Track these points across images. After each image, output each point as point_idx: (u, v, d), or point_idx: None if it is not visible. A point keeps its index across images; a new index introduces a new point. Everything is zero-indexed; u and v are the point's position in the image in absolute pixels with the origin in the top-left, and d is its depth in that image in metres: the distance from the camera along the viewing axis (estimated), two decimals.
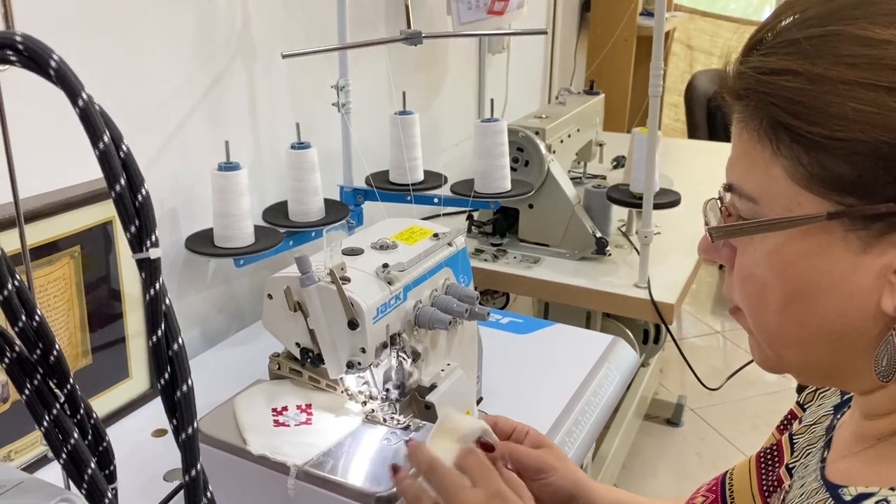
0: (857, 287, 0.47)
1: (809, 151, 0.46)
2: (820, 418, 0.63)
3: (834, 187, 0.46)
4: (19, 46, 0.45)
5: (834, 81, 0.44)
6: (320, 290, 0.89)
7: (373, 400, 0.94)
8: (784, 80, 0.46)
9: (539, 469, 0.77)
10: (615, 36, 3.09)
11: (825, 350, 0.51)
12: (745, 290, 0.53)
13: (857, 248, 0.46)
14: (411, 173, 1.57)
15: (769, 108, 0.47)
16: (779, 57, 0.47)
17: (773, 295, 0.51)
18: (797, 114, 0.46)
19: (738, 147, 0.51)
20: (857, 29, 0.45)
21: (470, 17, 1.80)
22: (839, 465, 0.53)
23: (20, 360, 0.53)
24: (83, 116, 0.45)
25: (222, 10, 1.38)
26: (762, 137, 0.48)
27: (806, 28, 0.47)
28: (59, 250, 1.05)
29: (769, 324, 0.52)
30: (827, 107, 0.45)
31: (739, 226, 0.51)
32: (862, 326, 0.48)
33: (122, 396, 1.18)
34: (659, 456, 2.42)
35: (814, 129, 0.45)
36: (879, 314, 0.47)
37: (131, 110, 1.24)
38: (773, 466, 0.64)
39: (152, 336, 0.49)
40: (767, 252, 0.50)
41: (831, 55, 0.45)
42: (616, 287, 1.70)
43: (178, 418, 0.50)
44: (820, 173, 0.46)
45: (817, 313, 0.49)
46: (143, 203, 0.47)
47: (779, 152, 0.47)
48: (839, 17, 0.46)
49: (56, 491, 0.52)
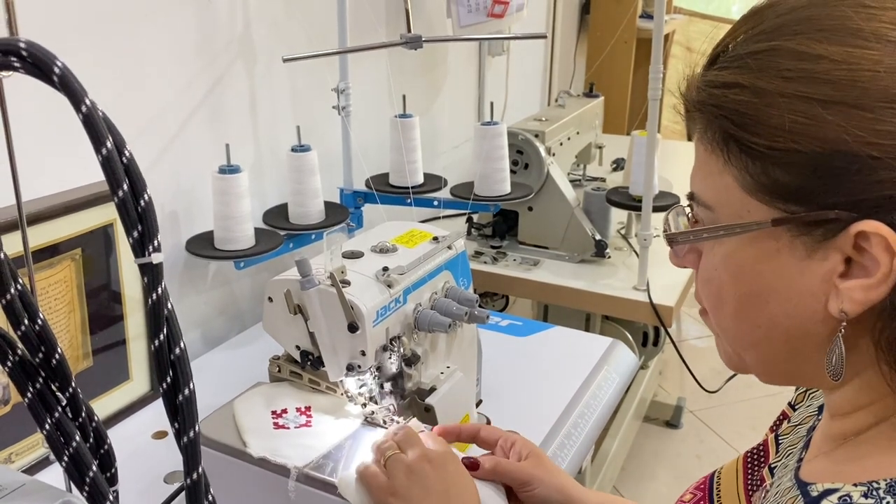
0: (804, 291, 0.49)
1: (755, 161, 0.48)
2: (805, 419, 0.64)
3: (778, 195, 0.48)
4: (23, 53, 0.45)
5: (774, 94, 0.47)
6: (320, 293, 0.89)
7: (372, 402, 0.95)
8: (732, 94, 0.49)
9: (524, 482, 0.80)
10: (615, 38, 3.10)
11: (780, 351, 0.53)
12: (706, 292, 0.56)
13: (802, 253, 0.48)
14: (411, 176, 1.57)
15: (720, 120, 0.50)
16: (729, 71, 0.50)
17: (728, 297, 0.53)
18: (743, 125, 0.48)
19: (697, 157, 0.54)
20: (795, 44, 0.47)
21: (470, 21, 1.80)
22: (811, 465, 0.55)
23: (23, 364, 0.54)
24: (86, 122, 0.46)
25: (223, 14, 1.38)
26: (715, 148, 0.51)
27: (754, 43, 0.49)
28: (60, 253, 1.05)
29: (727, 325, 0.55)
30: (768, 119, 0.47)
31: (691, 232, 0.55)
32: (812, 329, 0.50)
33: (123, 398, 1.18)
34: (658, 458, 2.42)
35: (758, 139, 0.47)
36: (827, 317, 0.48)
37: (133, 113, 1.25)
38: (758, 466, 0.65)
39: (154, 340, 0.49)
40: (723, 257, 0.53)
41: (773, 69, 0.47)
42: (615, 289, 1.71)
43: (180, 422, 0.50)
44: (765, 182, 0.48)
45: (769, 315, 0.51)
46: (146, 208, 0.47)
47: (730, 162, 0.50)
48: (782, 33, 0.48)
49: (58, 494, 0.52)
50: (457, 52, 2.20)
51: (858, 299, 0.46)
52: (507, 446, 0.83)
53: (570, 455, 1.12)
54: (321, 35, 1.59)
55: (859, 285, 0.46)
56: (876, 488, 0.46)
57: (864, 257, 0.46)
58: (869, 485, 0.46)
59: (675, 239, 0.56)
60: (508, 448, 0.83)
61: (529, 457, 0.82)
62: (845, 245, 0.46)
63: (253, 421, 0.91)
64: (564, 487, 0.80)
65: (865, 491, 0.46)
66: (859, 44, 0.45)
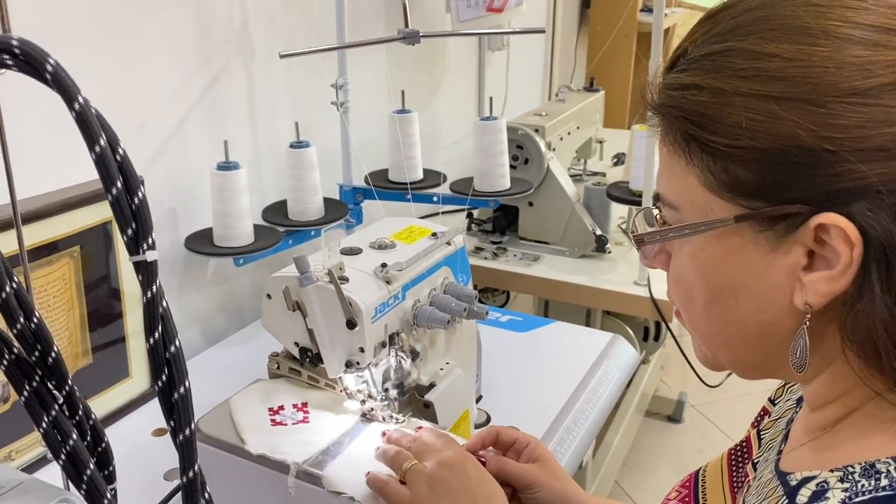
0: (770, 285, 0.50)
1: (716, 160, 0.49)
2: (784, 412, 0.65)
3: (739, 192, 0.49)
4: (16, 51, 0.45)
5: (731, 94, 0.48)
6: (319, 289, 0.89)
7: (372, 399, 0.95)
8: (691, 95, 0.50)
9: (527, 484, 0.81)
10: (615, 32, 3.09)
11: (752, 346, 0.54)
12: (676, 292, 0.57)
13: (766, 248, 0.49)
14: (410, 172, 1.57)
15: (681, 121, 0.51)
16: (687, 73, 0.51)
17: (698, 296, 0.54)
18: (703, 125, 0.49)
19: (661, 159, 0.55)
20: (749, 44, 0.48)
21: (469, 15, 1.80)
22: (791, 456, 0.56)
23: (19, 362, 0.54)
24: (79, 120, 0.46)
25: (221, 10, 1.38)
26: (677, 149, 0.52)
27: (710, 45, 0.50)
28: (58, 250, 1.05)
29: (698, 323, 0.56)
30: (726, 117, 0.48)
31: (658, 232, 0.56)
32: (779, 322, 0.51)
33: (123, 396, 1.19)
34: (660, 452, 2.43)
35: (717, 138, 0.48)
36: (794, 310, 0.49)
37: (131, 110, 1.25)
38: (742, 462, 0.66)
39: (150, 338, 0.49)
40: (690, 256, 0.54)
41: (729, 69, 0.48)
42: (616, 284, 1.71)
43: (176, 419, 0.50)
44: (726, 180, 0.49)
45: (738, 311, 0.52)
46: (140, 206, 0.47)
47: (692, 162, 0.51)
48: (736, 34, 0.49)
49: (55, 492, 0.52)
50: (457, 47, 2.20)
51: (822, 291, 0.47)
52: (521, 448, 0.85)
53: (570, 450, 1.12)
54: (319, 31, 1.58)
55: (822, 277, 0.47)
56: (851, 472, 0.47)
57: (826, 249, 0.47)
58: (844, 469, 0.48)
59: (641, 240, 0.57)
60: (522, 449, 0.85)
61: (538, 460, 0.84)
62: (806, 238, 0.47)
63: (250, 418, 0.91)
64: (566, 492, 0.81)
65: (841, 476, 0.47)
66: (809, 41, 0.46)
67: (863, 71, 0.45)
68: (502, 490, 0.77)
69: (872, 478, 0.46)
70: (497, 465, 0.82)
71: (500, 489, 0.77)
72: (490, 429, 0.87)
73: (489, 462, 0.82)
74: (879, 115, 0.44)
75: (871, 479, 0.46)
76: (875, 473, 0.46)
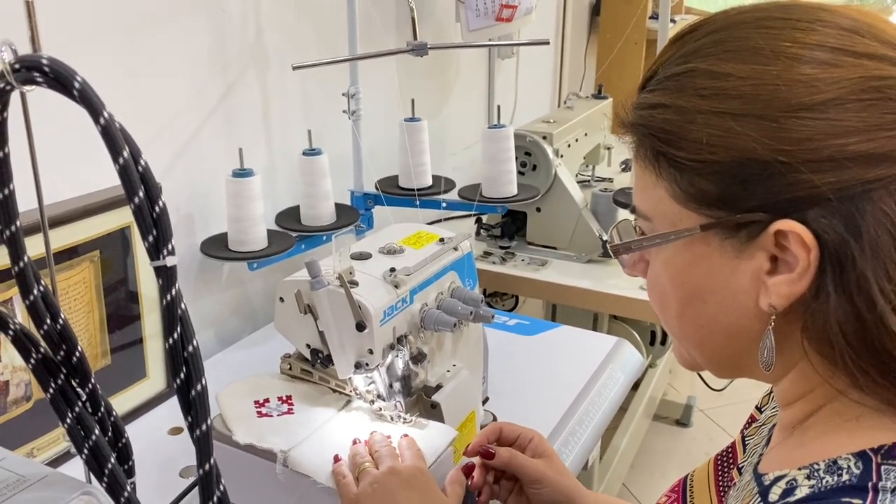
0: (737, 289, 0.53)
1: (682, 174, 0.52)
2: (768, 419, 0.68)
3: (704, 203, 0.52)
4: (45, 69, 0.48)
5: (692, 112, 0.51)
6: (329, 293, 0.92)
7: (380, 399, 0.97)
8: (657, 113, 0.53)
9: (535, 479, 0.84)
10: (624, 39, 3.11)
11: (723, 347, 0.57)
12: (653, 297, 0.60)
13: (731, 254, 0.52)
14: (419, 178, 1.60)
15: (649, 138, 0.54)
16: (654, 94, 0.54)
17: (671, 300, 0.57)
18: (669, 142, 0.52)
19: (635, 174, 0.58)
20: (708, 64, 0.51)
21: (478, 24, 1.82)
22: (768, 457, 0.58)
23: (45, 361, 0.57)
24: (104, 133, 0.48)
25: (236, 22, 1.41)
26: (648, 165, 0.55)
27: (675, 66, 0.54)
28: (79, 255, 1.09)
29: (674, 326, 0.59)
30: (689, 134, 0.51)
31: (631, 243, 0.59)
32: (747, 324, 0.54)
33: (140, 395, 1.22)
34: (668, 456, 2.44)
35: (682, 153, 0.52)
36: (759, 312, 0.52)
37: (149, 118, 1.28)
38: (727, 467, 0.69)
39: (168, 339, 0.52)
40: (663, 263, 0.57)
41: (690, 88, 0.52)
42: (623, 289, 1.72)
43: (193, 416, 0.53)
44: (692, 192, 0.52)
45: (708, 315, 0.55)
46: (161, 214, 0.50)
47: (661, 176, 0.54)
48: (698, 55, 0.53)
49: (78, 485, 0.55)
50: (467, 55, 2.23)
51: (784, 293, 0.50)
52: (525, 442, 0.88)
53: (573, 452, 1.14)
54: (331, 40, 1.61)
55: (783, 280, 0.50)
56: (816, 469, 0.50)
57: (787, 254, 0.49)
58: (811, 466, 0.50)
59: (616, 250, 0.60)
60: (526, 444, 0.88)
61: (543, 456, 0.86)
62: (768, 244, 0.50)
63: (237, 410, 0.94)
64: (570, 490, 0.84)
65: (808, 473, 0.50)
66: (762, 61, 0.49)
67: (810, 87, 0.48)
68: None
69: (835, 473, 0.48)
70: (508, 454, 0.85)
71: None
72: (493, 425, 0.90)
73: (501, 452, 0.85)
74: (827, 129, 0.47)
75: (833, 475, 0.48)
76: (837, 469, 0.49)
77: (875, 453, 0.48)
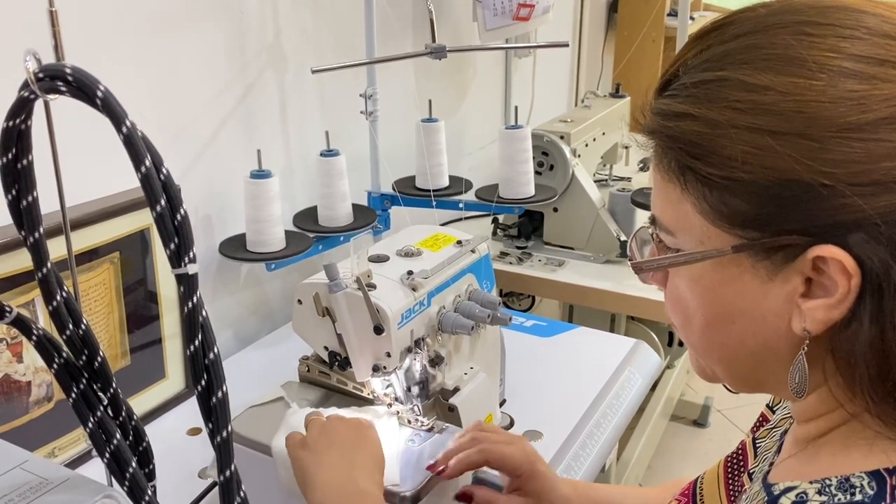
0: (768, 311, 0.50)
1: (712, 190, 0.49)
2: (779, 422, 0.66)
3: (736, 223, 0.49)
4: (69, 78, 0.49)
5: (725, 126, 0.48)
6: (347, 296, 0.92)
7: (398, 402, 0.97)
8: (685, 124, 0.50)
9: None
10: (641, 36, 3.09)
11: (748, 366, 0.55)
12: (674, 311, 0.57)
13: (764, 276, 0.49)
14: (435, 179, 1.60)
15: (675, 150, 0.51)
16: (680, 100, 0.51)
17: (696, 318, 0.54)
18: (698, 156, 0.49)
19: (655, 183, 0.55)
20: (742, 74, 0.48)
21: (495, 24, 1.82)
22: (779, 468, 0.57)
23: (67, 366, 0.57)
24: (127, 142, 0.49)
25: (254, 24, 1.42)
26: (672, 177, 0.52)
27: (703, 71, 0.50)
28: (99, 256, 1.10)
29: (696, 342, 0.57)
30: (722, 149, 0.48)
31: (655, 261, 0.56)
32: (777, 346, 0.51)
33: (159, 396, 1.23)
34: (685, 457, 2.43)
35: (712, 170, 0.48)
36: (791, 335, 0.50)
37: (168, 120, 1.29)
38: (738, 471, 0.67)
39: (189, 346, 0.52)
40: (688, 280, 0.54)
41: (722, 100, 0.48)
42: (640, 290, 1.71)
43: (214, 422, 0.53)
44: (723, 210, 0.49)
45: (735, 334, 0.53)
46: (182, 222, 0.50)
47: (687, 190, 0.51)
48: (729, 62, 0.49)
49: (100, 488, 0.55)
50: (484, 54, 2.22)
51: (820, 318, 0.48)
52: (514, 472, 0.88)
53: (591, 454, 1.14)
54: (349, 41, 1.62)
55: (820, 305, 0.48)
56: (828, 485, 0.48)
57: (824, 277, 0.47)
58: (822, 482, 0.49)
59: (640, 268, 0.57)
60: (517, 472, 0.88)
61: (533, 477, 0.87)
62: (804, 267, 0.47)
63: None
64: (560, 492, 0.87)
65: (819, 488, 0.48)
66: (804, 73, 0.46)
67: (858, 105, 0.45)
68: (381, 450, 0.85)
69: (847, 491, 0.47)
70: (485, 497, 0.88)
71: (379, 447, 0.85)
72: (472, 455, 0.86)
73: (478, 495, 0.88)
74: (876, 150, 0.44)
75: (846, 493, 0.47)
76: (850, 487, 0.47)
77: (890, 474, 0.47)
